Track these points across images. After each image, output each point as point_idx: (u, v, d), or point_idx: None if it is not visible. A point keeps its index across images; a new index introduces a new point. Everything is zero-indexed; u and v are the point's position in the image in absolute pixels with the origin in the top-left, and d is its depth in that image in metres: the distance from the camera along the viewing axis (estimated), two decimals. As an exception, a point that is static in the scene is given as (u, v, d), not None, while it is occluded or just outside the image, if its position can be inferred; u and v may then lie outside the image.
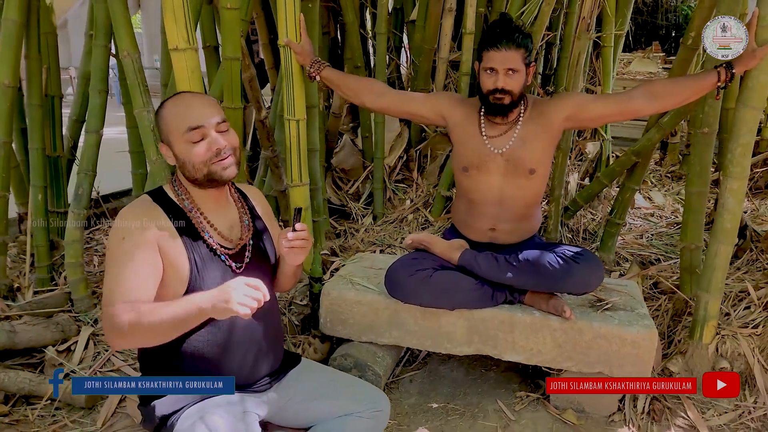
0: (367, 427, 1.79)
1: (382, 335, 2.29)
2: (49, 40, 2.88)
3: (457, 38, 3.65)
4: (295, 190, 2.44)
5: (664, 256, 3.30)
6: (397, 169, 3.86)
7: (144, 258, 1.52)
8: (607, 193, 3.81)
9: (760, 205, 4.16)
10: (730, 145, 2.11)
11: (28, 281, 2.84)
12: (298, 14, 2.24)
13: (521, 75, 2.06)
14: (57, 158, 3.02)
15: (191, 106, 1.62)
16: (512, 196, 2.19)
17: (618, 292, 2.33)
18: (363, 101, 2.35)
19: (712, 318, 2.26)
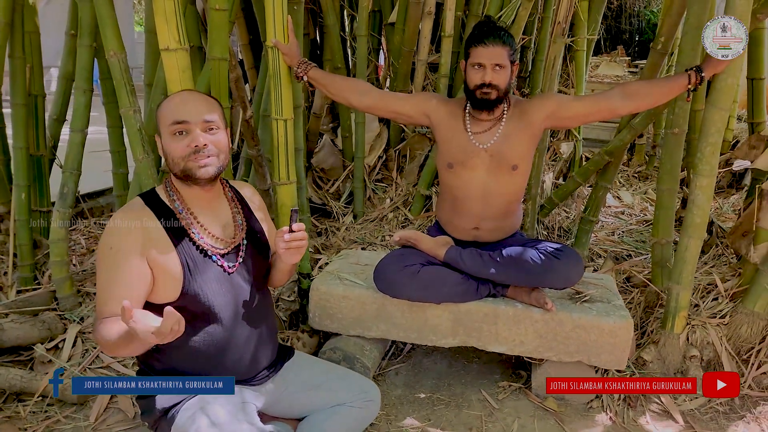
0: (359, 416, 1.86)
1: (370, 329, 2.35)
2: (32, 39, 2.88)
3: (435, 41, 3.74)
4: (282, 188, 2.48)
5: (635, 251, 3.44)
6: (376, 168, 3.93)
7: (129, 270, 1.55)
8: (580, 191, 3.94)
9: (723, 204, 4.35)
10: (700, 144, 2.23)
11: (10, 280, 2.83)
12: (285, 16, 2.29)
13: (507, 71, 2.15)
14: (40, 157, 3.01)
15: (183, 102, 1.65)
16: (496, 193, 2.27)
17: (595, 285, 2.44)
18: (349, 100, 2.40)
19: (683, 309, 2.38)
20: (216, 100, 1.74)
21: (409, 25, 3.53)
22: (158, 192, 1.70)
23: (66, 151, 2.72)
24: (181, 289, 1.60)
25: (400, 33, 3.65)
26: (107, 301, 1.52)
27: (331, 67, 3.70)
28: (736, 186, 4.94)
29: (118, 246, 1.56)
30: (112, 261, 1.55)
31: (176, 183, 1.69)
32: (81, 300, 2.74)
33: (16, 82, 2.82)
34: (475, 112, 2.24)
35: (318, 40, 4.10)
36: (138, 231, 1.58)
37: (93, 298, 2.77)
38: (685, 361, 2.39)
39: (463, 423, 2.18)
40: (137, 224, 1.59)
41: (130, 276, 1.55)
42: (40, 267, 2.96)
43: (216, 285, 1.65)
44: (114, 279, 1.54)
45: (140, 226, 1.59)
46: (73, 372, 2.28)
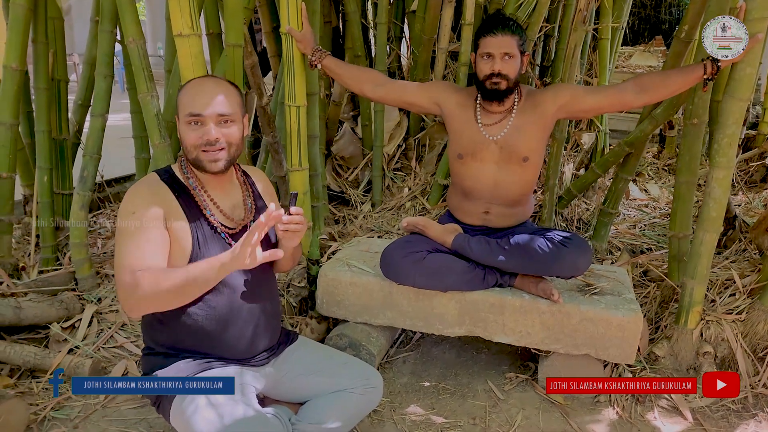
0: (360, 403, 1.87)
1: (376, 316, 2.36)
2: (55, 24, 2.94)
3: (456, 29, 3.70)
4: (294, 174, 2.50)
5: (655, 245, 3.36)
6: (395, 157, 3.92)
7: (154, 229, 1.61)
8: (601, 183, 3.87)
9: (753, 198, 4.22)
10: (717, 135, 2.17)
11: (33, 261, 2.91)
12: (299, 3, 2.30)
13: (516, 60, 2.13)
14: (63, 141, 3.09)
15: (200, 94, 1.68)
16: (505, 184, 2.25)
17: (606, 277, 2.40)
18: (362, 90, 2.41)
19: (697, 304, 2.33)
20: (235, 87, 1.77)
21: (430, 13, 3.50)
22: (173, 169, 1.76)
23: (86, 136, 2.78)
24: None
25: (420, 21, 3.63)
26: (141, 256, 1.57)
27: (352, 55, 3.70)
28: (770, 181, 4.80)
29: (141, 211, 1.62)
30: (138, 223, 1.60)
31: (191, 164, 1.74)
32: (99, 281, 2.81)
33: (39, 67, 2.89)
34: (486, 103, 2.22)
35: (340, 28, 4.09)
36: (158, 199, 1.65)
37: (111, 280, 2.84)
38: (698, 357, 2.34)
39: (467, 413, 2.17)
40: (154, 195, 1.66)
41: (159, 236, 1.61)
42: (61, 248, 3.03)
43: None
44: (143, 238, 1.59)
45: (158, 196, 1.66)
46: (85, 351, 2.35)
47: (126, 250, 1.59)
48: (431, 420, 2.13)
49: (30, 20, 2.65)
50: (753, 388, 2.27)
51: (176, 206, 1.67)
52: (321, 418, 1.77)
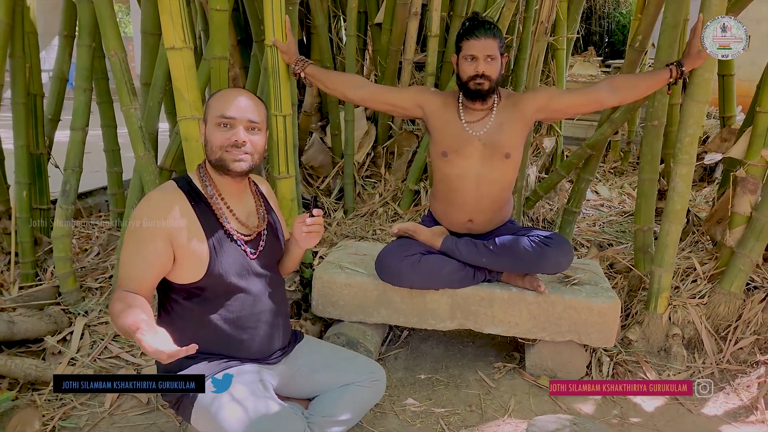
0: (366, 395, 1.95)
1: (372, 315, 2.46)
2: (30, 39, 2.92)
3: (420, 40, 3.85)
4: (282, 181, 2.57)
5: (615, 240, 3.59)
6: (365, 165, 4.03)
7: (154, 250, 1.65)
8: (561, 185, 4.10)
9: (696, 196, 4.55)
10: (679, 135, 2.38)
11: (12, 277, 2.87)
12: (284, 16, 2.39)
13: (498, 62, 2.27)
14: (39, 155, 3.05)
15: (232, 100, 1.75)
16: (489, 181, 2.36)
17: (582, 269, 2.58)
18: (345, 94, 2.50)
19: (665, 290, 2.53)
20: (263, 102, 1.85)
21: (396, 25, 3.64)
22: (191, 176, 1.81)
23: (67, 149, 2.77)
24: (206, 270, 1.70)
25: (387, 33, 3.76)
26: (129, 275, 1.65)
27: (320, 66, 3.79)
28: (708, 179, 5.17)
29: (147, 224, 1.66)
30: (139, 237, 1.66)
31: (210, 171, 1.79)
32: (84, 295, 2.79)
33: (17, 80, 2.86)
34: (468, 102, 2.33)
35: (304, 40, 4.18)
36: (168, 212, 1.68)
37: (95, 293, 2.83)
38: (668, 339, 2.54)
39: (463, 401, 2.29)
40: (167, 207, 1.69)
41: (153, 256, 1.65)
42: (40, 264, 3.00)
43: (238, 268, 1.75)
44: (138, 255, 1.65)
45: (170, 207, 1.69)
46: (83, 362, 2.35)
47: (123, 260, 1.67)
48: (431, 410, 2.23)
49: (9, 35, 2.64)
50: (718, 365, 2.48)
51: (192, 215, 1.72)
52: (332, 412, 1.85)
